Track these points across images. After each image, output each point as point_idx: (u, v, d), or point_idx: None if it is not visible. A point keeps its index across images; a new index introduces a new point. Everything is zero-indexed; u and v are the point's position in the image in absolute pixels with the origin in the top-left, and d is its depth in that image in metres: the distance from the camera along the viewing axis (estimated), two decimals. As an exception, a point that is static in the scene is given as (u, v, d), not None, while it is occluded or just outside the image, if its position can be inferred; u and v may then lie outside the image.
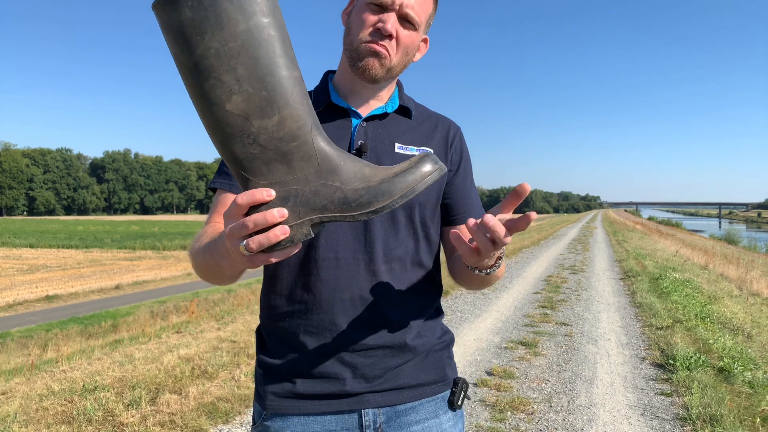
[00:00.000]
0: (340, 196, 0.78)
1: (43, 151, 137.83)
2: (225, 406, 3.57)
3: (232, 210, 0.77)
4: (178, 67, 0.75)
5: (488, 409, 3.75)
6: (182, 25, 0.72)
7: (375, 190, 0.78)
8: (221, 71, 0.73)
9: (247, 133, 0.76)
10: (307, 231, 0.79)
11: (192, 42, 0.73)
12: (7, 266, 32.18)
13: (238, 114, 0.75)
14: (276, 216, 0.75)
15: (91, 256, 38.85)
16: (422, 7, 1.10)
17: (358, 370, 1.08)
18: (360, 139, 1.13)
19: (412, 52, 1.14)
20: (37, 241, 47.47)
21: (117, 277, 28.18)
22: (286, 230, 0.75)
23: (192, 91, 0.76)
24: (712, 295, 8.98)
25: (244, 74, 0.74)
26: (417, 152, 1.17)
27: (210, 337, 5.82)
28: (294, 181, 0.78)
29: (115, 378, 4.24)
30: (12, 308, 21.14)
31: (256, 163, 0.78)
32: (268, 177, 0.78)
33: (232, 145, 0.77)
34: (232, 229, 0.76)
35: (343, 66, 1.17)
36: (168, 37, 0.74)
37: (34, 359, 13.72)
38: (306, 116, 0.78)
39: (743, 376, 4.42)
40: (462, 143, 1.26)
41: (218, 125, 0.76)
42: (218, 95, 0.74)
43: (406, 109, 1.20)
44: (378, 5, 1.07)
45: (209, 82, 0.74)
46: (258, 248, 0.75)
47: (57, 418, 3.44)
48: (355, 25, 1.10)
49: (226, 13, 0.72)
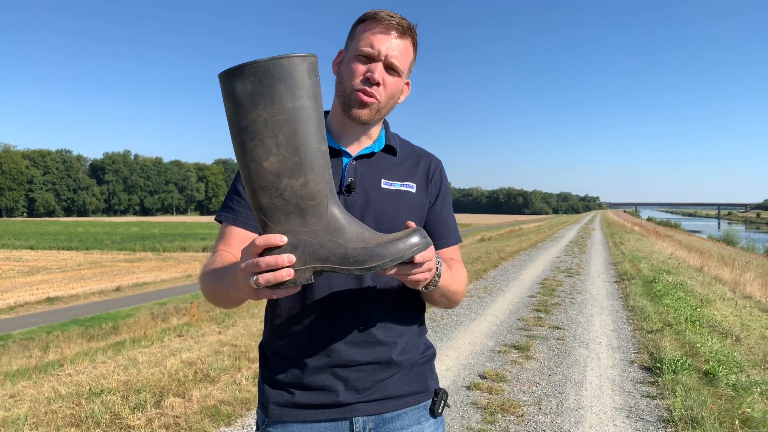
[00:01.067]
0: (341, 252, 0.96)
1: (42, 153, 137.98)
2: (227, 409, 3.73)
3: (250, 248, 0.93)
4: (230, 125, 0.94)
5: (479, 411, 3.90)
6: (242, 95, 0.91)
7: (371, 251, 0.96)
8: (265, 136, 0.92)
9: (276, 188, 0.94)
10: (309, 276, 0.95)
11: (247, 109, 0.91)
12: (8, 268, 32.31)
13: (272, 171, 0.93)
14: (285, 260, 0.91)
15: (92, 257, 38.99)
16: (404, 57, 1.26)
17: (350, 383, 1.23)
18: (350, 177, 1.29)
19: (397, 96, 1.30)
20: (37, 242, 47.60)
21: (117, 278, 28.31)
22: (292, 273, 0.92)
23: (237, 146, 0.94)
24: (705, 299, 9.13)
25: (283, 141, 0.92)
26: (401, 187, 1.32)
27: (211, 341, 5.97)
28: (305, 233, 0.96)
29: (120, 381, 4.39)
30: (13, 310, 21.27)
31: (277, 213, 0.95)
32: (284, 226, 0.95)
33: (261, 194, 0.94)
34: (248, 265, 0.92)
35: (336, 109, 1.32)
36: (227, 102, 0.92)
37: (36, 361, 13.87)
38: (325, 183, 0.97)
39: (727, 379, 4.57)
40: (441, 176, 1.41)
41: (254, 177, 0.94)
42: (259, 154, 0.92)
43: (391, 147, 1.35)
44: (366, 57, 1.23)
45: (254, 142, 0.92)
46: (265, 284, 0.91)
47: (66, 421, 3.59)
48: (346, 75, 1.26)
49: (279, 92, 0.91)
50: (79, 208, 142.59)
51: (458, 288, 1.28)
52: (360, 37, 1.24)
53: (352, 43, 1.26)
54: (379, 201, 1.28)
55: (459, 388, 4.42)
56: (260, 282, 0.90)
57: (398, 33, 1.24)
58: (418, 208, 1.33)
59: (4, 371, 12.82)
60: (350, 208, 1.25)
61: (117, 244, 47.05)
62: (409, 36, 1.27)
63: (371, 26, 1.24)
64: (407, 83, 1.34)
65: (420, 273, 1.03)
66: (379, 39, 1.22)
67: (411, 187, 1.33)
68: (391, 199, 1.29)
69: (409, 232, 1.00)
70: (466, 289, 1.39)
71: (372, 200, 1.27)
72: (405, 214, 1.29)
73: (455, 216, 1.51)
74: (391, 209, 1.28)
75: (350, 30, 1.30)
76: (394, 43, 1.23)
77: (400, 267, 1.00)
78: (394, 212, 1.28)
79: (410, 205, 1.31)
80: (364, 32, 1.24)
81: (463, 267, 1.38)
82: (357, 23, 1.28)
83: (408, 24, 1.26)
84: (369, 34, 1.23)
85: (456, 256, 1.41)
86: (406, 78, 1.31)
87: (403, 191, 1.31)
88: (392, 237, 0.98)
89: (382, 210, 1.28)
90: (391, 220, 1.27)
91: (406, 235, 0.99)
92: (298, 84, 0.92)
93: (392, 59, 1.23)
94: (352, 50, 1.25)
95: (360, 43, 1.23)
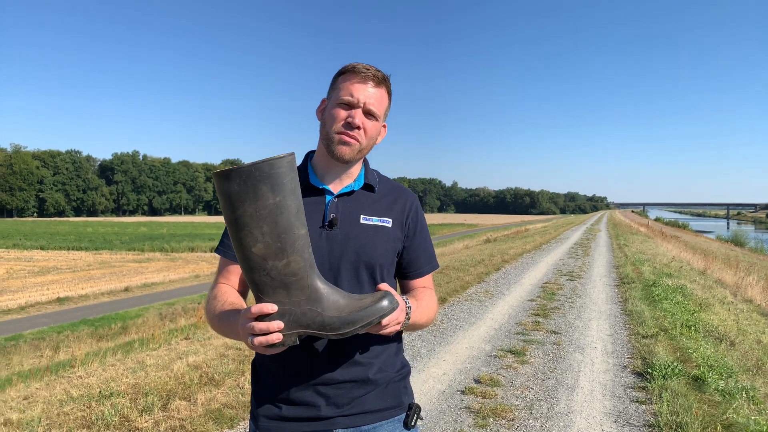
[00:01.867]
0: (319, 320, 1.19)
1: (52, 153, 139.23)
2: (230, 413, 3.91)
3: (247, 313, 1.17)
4: (224, 217, 1.16)
5: (472, 415, 4.06)
6: (231, 193, 1.12)
7: (344, 319, 1.19)
8: (252, 227, 1.13)
9: (264, 268, 1.16)
10: (294, 339, 1.19)
11: (236, 205, 1.12)
12: (19, 268, 32.77)
13: (260, 255, 1.15)
14: (275, 326, 1.16)
15: (101, 257, 39.43)
16: (380, 103, 1.44)
17: (331, 399, 1.40)
18: (332, 213, 1.45)
19: (375, 137, 1.48)
20: (47, 242, 48.17)
21: (126, 279, 28.65)
22: (280, 337, 1.17)
23: (231, 235, 1.16)
24: (704, 303, 9.23)
25: (267, 231, 1.14)
26: (378, 222, 1.49)
27: (217, 344, 6.16)
28: (290, 303, 1.18)
29: (129, 384, 4.58)
30: (24, 310, 21.61)
31: (266, 288, 1.18)
32: (273, 297, 1.18)
33: (252, 273, 1.17)
34: (245, 328, 1.18)
35: (321, 151, 1.49)
36: (220, 198, 1.14)
37: (47, 362, 14.18)
38: (305, 261, 1.19)
39: (716, 384, 4.70)
40: (417, 213, 1.58)
41: (245, 260, 1.16)
42: (248, 242, 1.14)
43: (370, 185, 1.52)
44: (347, 104, 1.40)
45: (243, 232, 1.13)
46: (259, 345, 1.17)
47: (77, 423, 3.78)
48: (329, 120, 1.43)
49: (261, 191, 1.12)
50: (88, 208, 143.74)
51: (426, 320, 1.49)
52: (341, 87, 1.42)
53: (334, 92, 1.44)
54: (359, 235, 1.44)
55: (454, 392, 4.58)
56: (255, 343, 1.17)
57: (374, 83, 1.41)
58: (393, 240, 1.49)
59: (16, 371, 13.13)
60: (332, 241, 1.42)
61: (126, 245, 47.53)
62: (384, 85, 1.44)
63: (350, 77, 1.41)
64: (384, 126, 1.51)
65: (387, 329, 1.26)
66: (357, 89, 1.40)
67: (387, 222, 1.49)
68: (369, 233, 1.45)
69: (379, 296, 1.22)
70: (435, 314, 1.57)
71: (352, 234, 1.44)
72: (382, 247, 1.46)
73: (464, 215, 1.71)
74: (369, 242, 1.45)
75: (332, 80, 1.47)
76: (371, 92, 1.41)
77: (371, 328, 1.23)
78: (371, 245, 1.45)
79: (386, 239, 1.48)
80: (344, 83, 1.42)
81: (433, 295, 1.57)
82: (338, 75, 1.45)
83: (383, 75, 1.44)
84: (348, 85, 1.41)
85: (428, 284, 1.59)
86: (383, 121, 1.49)
87: (381, 226, 1.48)
88: (363, 303, 1.21)
89: (361, 243, 1.44)
90: (369, 252, 1.44)
91: (376, 300, 1.21)
92: (277, 183, 1.12)
93: (370, 106, 1.40)
94: (334, 99, 1.42)
95: (341, 92, 1.41)
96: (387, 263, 1.48)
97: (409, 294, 1.52)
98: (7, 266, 33.41)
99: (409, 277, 1.55)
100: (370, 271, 1.45)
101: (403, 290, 1.58)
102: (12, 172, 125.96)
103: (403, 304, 1.34)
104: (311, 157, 1.55)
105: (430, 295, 1.53)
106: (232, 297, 1.43)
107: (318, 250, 1.39)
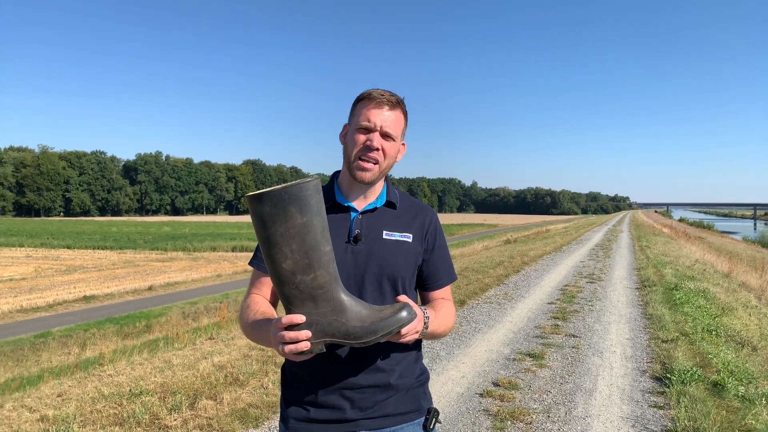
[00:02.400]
0: (344, 330, 1.31)
1: (78, 154, 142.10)
2: (255, 412, 4.04)
3: (278, 324, 1.30)
4: (257, 236, 1.28)
5: (490, 418, 4.14)
6: (263, 214, 1.25)
7: (367, 328, 1.31)
8: (282, 245, 1.26)
9: (293, 282, 1.28)
10: (321, 347, 1.32)
11: (267, 225, 1.25)
12: (47, 266, 33.58)
13: (289, 271, 1.28)
14: (303, 336, 1.29)
15: (125, 257, 40.19)
16: (396, 125, 1.56)
17: (355, 403, 1.51)
18: (357, 229, 1.56)
19: (394, 156, 1.59)
20: (73, 242, 49.22)
21: (150, 278, 29.19)
22: (308, 345, 1.30)
23: (263, 251, 1.29)
24: (726, 307, 9.14)
25: (296, 248, 1.26)
26: (399, 237, 1.59)
27: (240, 345, 6.31)
28: (317, 314, 1.31)
29: (157, 383, 4.75)
30: (52, 308, 22.18)
31: (295, 300, 1.30)
32: (301, 309, 1.30)
33: (282, 286, 1.29)
34: (276, 337, 1.30)
35: (345, 172, 1.61)
36: (253, 219, 1.27)
37: (74, 358, 14.55)
38: (330, 276, 1.31)
39: (736, 390, 4.70)
40: (436, 228, 1.67)
41: (276, 275, 1.29)
42: (279, 258, 1.27)
43: (391, 202, 1.63)
44: (365, 129, 1.53)
45: (274, 249, 1.26)
46: (289, 353, 1.29)
47: (110, 420, 3.95)
48: (350, 144, 1.55)
49: (290, 212, 1.24)
50: (112, 208, 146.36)
51: (444, 329, 1.59)
52: (359, 114, 1.54)
53: (353, 119, 1.56)
54: (381, 249, 1.55)
55: (472, 395, 4.66)
56: (285, 351, 1.30)
57: (389, 107, 1.54)
58: (413, 254, 1.60)
59: (46, 367, 13.52)
60: (357, 255, 1.53)
61: (149, 244, 48.36)
62: (399, 108, 1.57)
63: (367, 104, 1.54)
64: (403, 144, 1.63)
65: (406, 338, 1.37)
66: (374, 114, 1.52)
67: (408, 237, 1.60)
68: (391, 248, 1.56)
69: (398, 307, 1.34)
70: (453, 324, 1.67)
71: (375, 249, 1.55)
72: (403, 260, 1.57)
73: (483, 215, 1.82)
74: (391, 256, 1.56)
75: (351, 108, 1.60)
76: (387, 116, 1.53)
77: (391, 337, 1.35)
78: (393, 259, 1.56)
79: (407, 253, 1.58)
80: (362, 109, 1.54)
81: (451, 306, 1.67)
82: (356, 102, 1.58)
83: (397, 99, 1.56)
84: (365, 111, 1.53)
85: (447, 295, 1.69)
86: (401, 141, 1.61)
87: (402, 241, 1.58)
88: (384, 314, 1.32)
89: (384, 257, 1.55)
90: (391, 265, 1.55)
91: (396, 311, 1.33)
92: (304, 205, 1.24)
93: (386, 129, 1.53)
94: (354, 125, 1.55)
95: (359, 118, 1.53)
96: (408, 275, 1.58)
97: (428, 305, 1.62)
98: (36, 265, 34.27)
99: (429, 289, 1.65)
100: (392, 283, 1.55)
101: (423, 301, 1.69)
102: (39, 173, 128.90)
103: (422, 314, 1.44)
104: (337, 177, 1.66)
105: (448, 306, 1.63)
106: (263, 307, 1.54)
107: (344, 264, 1.50)
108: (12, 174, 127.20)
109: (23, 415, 4.30)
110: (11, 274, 29.99)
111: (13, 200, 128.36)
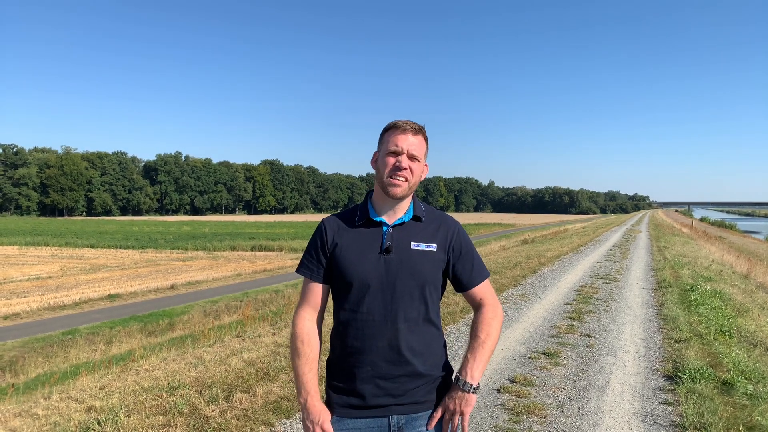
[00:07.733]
0: None
1: (100, 155, 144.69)
2: (287, 404, 4.33)
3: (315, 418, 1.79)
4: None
5: (507, 412, 4.38)
6: None
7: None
8: None
9: None
10: None
11: None
12: (72, 265, 34.42)
13: None
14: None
15: (147, 256, 40.98)
16: (419, 148, 1.85)
17: (388, 391, 1.79)
18: (388, 241, 1.83)
19: (420, 174, 1.88)
20: (97, 241, 50.28)
21: (171, 277, 29.80)
22: None
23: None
24: (742, 308, 9.24)
25: None
26: (425, 247, 1.86)
27: (267, 342, 6.62)
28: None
29: (193, 378, 5.07)
30: (78, 306, 22.82)
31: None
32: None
33: None
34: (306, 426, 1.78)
35: (377, 191, 1.90)
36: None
37: (101, 355, 15.00)
38: None
39: (745, 388, 4.88)
40: (460, 237, 1.94)
41: None
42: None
43: (418, 216, 1.90)
44: (394, 153, 1.82)
45: None
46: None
47: (153, 410, 4.27)
48: (382, 166, 1.84)
49: None
50: (133, 208, 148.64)
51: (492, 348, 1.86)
52: (388, 140, 1.84)
53: (383, 146, 1.86)
54: (410, 259, 1.82)
55: (490, 391, 4.90)
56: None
57: (413, 133, 1.84)
58: (437, 261, 1.87)
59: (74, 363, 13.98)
60: (389, 264, 1.80)
61: (170, 243, 49.21)
62: (421, 134, 1.87)
63: (394, 132, 1.84)
64: (425, 165, 1.92)
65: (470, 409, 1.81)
66: (400, 139, 1.82)
67: (433, 247, 1.87)
68: (418, 257, 1.83)
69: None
70: (500, 326, 1.92)
71: (404, 258, 1.82)
72: (429, 267, 1.84)
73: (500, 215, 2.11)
74: (418, 264, 1.83)
75: (380, 137, 1.89)
76: (411, 141, 1.83)
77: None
78: (420, 266, 1.83)
79: (432, 261, 1.86)
80: (390, 137, 1.84)
81: (489, 314, 1.92)
82: (384, 132, 1.88)
83: (418, 126, 1.87)
84: (393, 138, 1.83)
85: (485, 293, 1.94)
86: (424, 162, 1.90)
87: (427, 250, 1.86)
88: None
89: (412, 265, 1.82)
90: (419, 273, 1.82)
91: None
92: None
93: (412, 151, 1.82)
94: (384, 151, 1.85)
95: (388, 145, 1.83)
96: (434, 280, 1.86)
97: (468, 347, 1.87)
98: (61, 263, 35.14)
99: (467, 288, 1.92)
100: (420, 288, 1.82)
101: (468, 301, 1.96)
102: (63, 173, 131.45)
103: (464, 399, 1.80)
104: (371, 196, 1.94)
105: (486, 323, 1.88)
106: (315, 350, 1.84)
107: (377, 272, 1.78)
108: (36, 174, 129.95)
109: (71, 405, 4.65)
110: (38, 272, 30.85)
111: (38, 200, 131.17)
